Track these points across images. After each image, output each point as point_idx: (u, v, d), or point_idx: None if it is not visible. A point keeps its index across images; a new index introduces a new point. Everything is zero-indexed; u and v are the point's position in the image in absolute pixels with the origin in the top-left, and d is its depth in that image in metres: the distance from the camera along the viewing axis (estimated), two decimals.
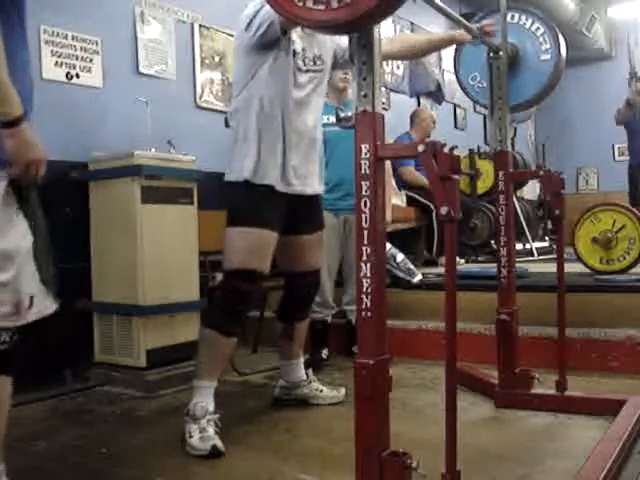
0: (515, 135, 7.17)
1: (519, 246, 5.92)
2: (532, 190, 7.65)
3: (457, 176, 1.42)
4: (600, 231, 3.78)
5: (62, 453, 2.26)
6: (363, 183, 1.48)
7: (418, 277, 3.86)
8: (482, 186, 5.82)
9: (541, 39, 2.77)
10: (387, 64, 6.06)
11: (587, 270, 3.82)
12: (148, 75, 3.82)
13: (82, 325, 3.24)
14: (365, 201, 1.48)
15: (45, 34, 3.25)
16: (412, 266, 3.92)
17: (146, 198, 3.07)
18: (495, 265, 2.73)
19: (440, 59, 6.74)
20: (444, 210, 1.41)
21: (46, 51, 3.27)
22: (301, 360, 2.78)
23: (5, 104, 1.39)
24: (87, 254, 3.26)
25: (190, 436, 2.21)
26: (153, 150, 3.24)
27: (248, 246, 2.32)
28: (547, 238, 7.03)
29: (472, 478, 1.71)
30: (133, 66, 3.75)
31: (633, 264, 3.72)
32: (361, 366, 1.49)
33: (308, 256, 2.59)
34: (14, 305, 1.49)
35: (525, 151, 8.28)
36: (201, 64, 4.21)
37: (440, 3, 2.01)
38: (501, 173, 2.65)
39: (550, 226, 6.97)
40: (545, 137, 9.28)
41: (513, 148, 6.70)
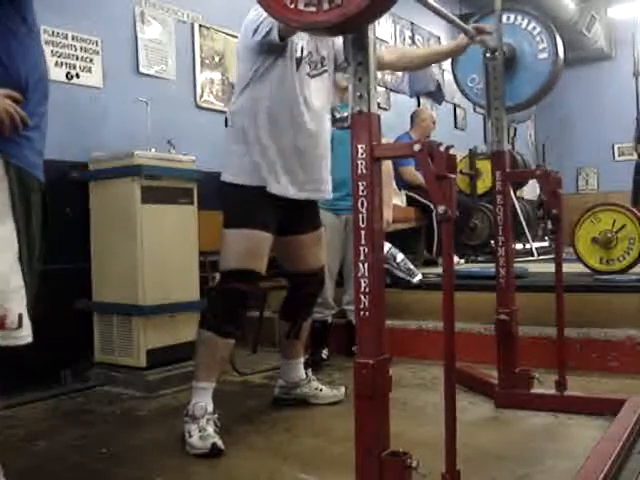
0: (515, 135, 7.17)
1: (519, 246, 5.92)
2: (532, 190, 7.65)
3: (453, 175, 1.43)
4: (600, 231, 3.78)
5: (62, 453, 2.26)
6: (360, 183, 1.48)
7: (418, 277, 3.86)
8: (482, 186, 5.82)
9: (538, 38, 2.77)
10: None
11: (587, 270, 3.82)
12: (148, 75, 3.82)
13: (82, 325, 3.24)
14: (362, 201, 1.48)
15: (45, 34, 3.25)
16: (412, 266, 3.92)
17: (146, 198, 3.07)
18: (494, 265, 2.73)
19: None
20: (441, 209, 1.41)
21: (46, 51, 3.26)
22: (301, 360, 2.78)
23: None
24: (87, 254, 3.26)
25: (190, 435, 2.22)
26: (153, 150, 3.25)
27: (244, 247, 2.34)
28: (547, 238, 7.03)
29: (472, 478, 1.71)
30: (133, 66, 3.75)
31: (633, 264, 3.71)
32: (361, 366, 1.49)
33: (308, 255, 2.59)
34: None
35: (525, 151, 8.28)
36: (201, 64, 4.21)
37: (435, 4, 2.01)
38: (499, 173, 2.65)
39: (550, 226, 6.97)
40: (545, 137, 9.27)
41: (513, 148, 6.71)
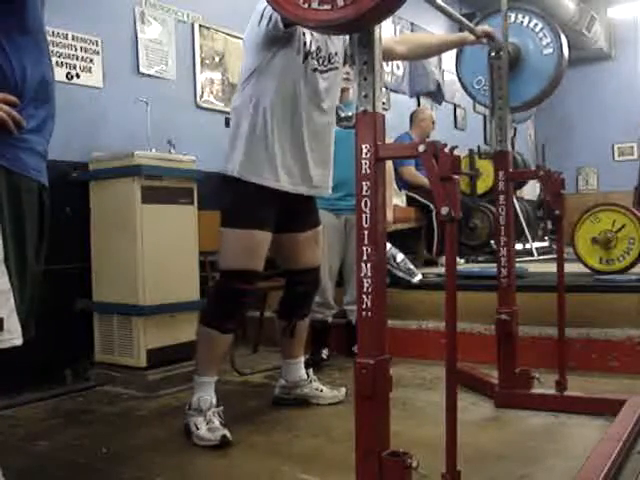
0: (515, 135, 7.16)
1: (519, 246, 5.92)
2: (532, 190, 7.65)
3: (457, 176, 1.42)
4: (600, 231, 3.78)
5: (62, 453, 2.26)
6: (363, 183, 1.48)
7: (418, 277, 3.86)
8: (482, 186, 5.81)
9: (541, 34, 2.77)
10: (387, 64, 6.06)
11: (587, 270, 3.82)
12: (148, 75, 3.82)
13: (82, 325, 3.24)
14: (365, 201, 1.48)
15: None
16: (412, 266, 3.92)
17: (146, 198, 3.07)
18: (495, 265, 2.73)
19: (440, 59, 6.74)
20: (444, 210, 1.41)
21: None
22: (301, 360, 2.78)
23: None
24: (87, 254, 3.26)
25: (197, 428, 2.25)
26: (153, 150, 3.25)
27: (243, 247, 2.36)
28: (547, 238, 7.02)
29: (472, 478, 1.71)
30: (133, 66, 3.75)
31: (633, 264, 3.72)
32: (361, 366, 1.49)
33: (305, 254, 2.60)
34: None
35: (525, 151, 8.28)
36: (201, 64, 4.21)
37: (442, 3, 2.02)
38: (501, 173, 2.65)
39: (550, 226, 6.97)
40: (545, 137, 9.28)
41: (513, 148, 6.70)
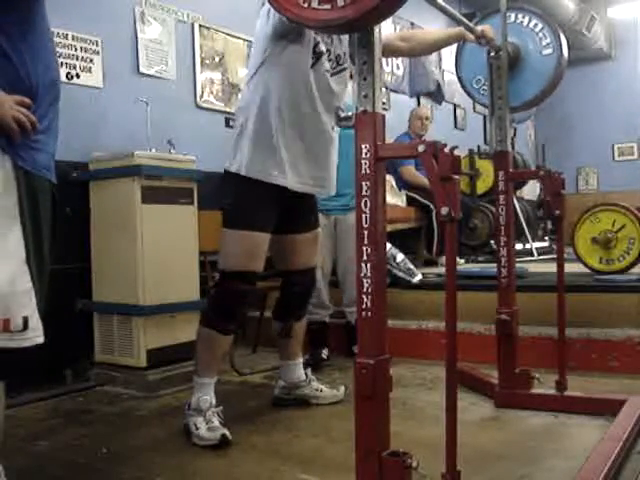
0: (515, 135, 7.17)
1: (519, 246, 5.92)
2: (532, 190, 7.65)
3: (457, 176, 1.42)
4: (600, 231, 3.78)
5: (62, 453, 2.26)
6: (363, 183, 1.48)
7: (418, 277, 3.86)
8: (482, 186, 5.82)
9: (540, 34, 2.77)
10: (387, 64, 6.07)
11: (587, 270, 3.82)
12: (148, 75, 3.82)
13: (82, 325, 3.24)
14: (365, 201, 1.48)
15: None
16: (412, 266, 3.92)
17: (146, 198, 3.07)
18: (495, 265, 2.73)
19: (440, 59, 6.74)
20: (444, 210, 1.41)
21: None
22: (300, 360, 2.78)
23: None
24: (87, 254, 3.26)
25: (197, 428, 2.26)
26: (153, 150, 3.25)
27: (243, 249, 2.36)
28: (547, 238, 7.03)
29: (472, 478, 1.71)
30: (133, 66, 3.75)
31: (633, 264, 3.71)
32: (361, 366, 1.49)
33: (303, 254, 2.60)
34: (3, 322, 1.45)
35: (525, 151, 8.28)
36: (201, 64, 4.21)
37: (443, 3, 2.01)
38: (501, 173, 2.65)
39: (550, 226, 6.97)
40: (545, 137, 9.28)
41: (513, 148, 6.70)
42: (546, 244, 6.72)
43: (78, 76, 3.42)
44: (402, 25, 6.26)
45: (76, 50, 3.41)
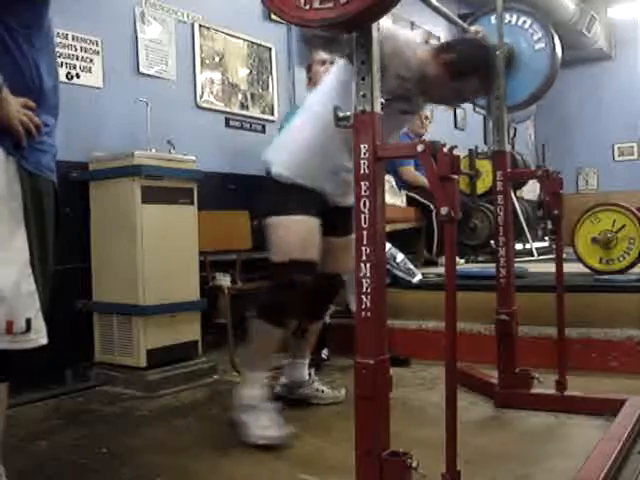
0: (515, 135, 7.17)
1: (519, 246, 5.92)
2: (532, 190, 7.64)
3: (457, 176, 1.42)
4: (600, 231, 3.78)
5: (62, 453, 2.26)
6: (362, 183, 1.48)
7: (418, 277, 3.86)
8: (482, 186, 5.81)
9: (531, 30, 2.78)
10: None
11: (587, 270, 3.82)
12: (148, 75, 3.82)
13: (82, 325, 3.24)
14: (364, 201, 1.48)
15: None
16: (412, 266, 3.92)
17: (146, 198, 3.07)
18: (495, 265, 2.73)
19: None
20: (444, 210, 1.41)
21: None
22: (307, 360, 2.77)
23: None
24: (87, 254, 3.26)
25: (249, 425, 2.21)
26: (153, 150, 3.25)
27: (298, 235, 2.25)
28: (547, 238, 7.02)
29: (472, 478, 1.71)
30: (133, 66, 3.75)
31: (633, 264, 3.71)
32: (361, 366, 1.49)
33: (338, 259, 2.50)
34: (6, 323, 1.46)
35: (525, 151, 8.27)
36: (201, 64, 4.20)
37: (437, 4, 2.02)
38: (499, 173, 2.65)
39: (550, 226, 6.97)
40: (545, 137, 9.27)
41: (513, 148, 6.70)
42: (546, 244, 6.72)
43: (78, 76, 3.42)
44: (402, 25, 6.25)
45: (76, 50, 3.41)
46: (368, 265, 1.48)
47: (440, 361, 1.53)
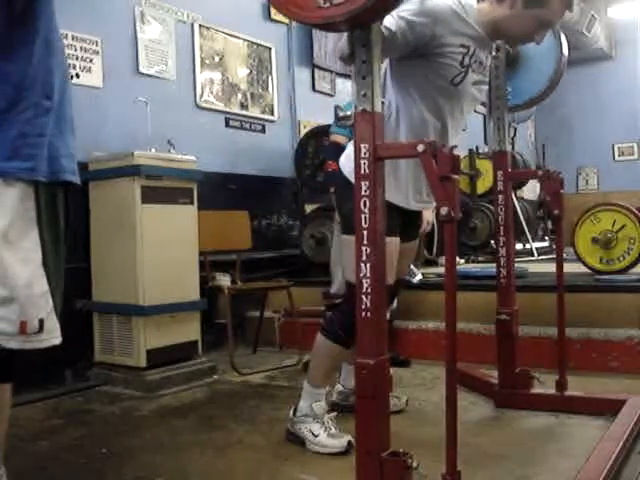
0: (515, 135, 7.17)
1: (519, 246, 5.92)
2: (532, 190, 7.65)
3: (457, 176, 1.42)
4: (600, 231, 3.78)
5: (62, 453, 2.26)
6: (362, 183, 1.48)
7: (418, 277, 3.85)
8: (482, 186, 5.82)
9: None
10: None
11: (587, 270, 3.82)
12: (148, 75, 3.82)
13: (82, 325, 3.24)
14: (365, 201, 1.48)
15: None
16: (412, 266, 3.92)
17: (146, 198, 3.07)
18: (495, 265, 2.73)
19: None
20: (444, 210, 1.41)
21: None
22: None
23: None
24: (87, 254, 3.26)
25: (315, 435, 2.19)
26: (153, 150, 3.25)
27: None
28: (547, 238, 7.03)
29: (472, 478, 1.71)
30: (133, 66, 3.75)
31: (633, 264, 3.71)
32: (361, 366, 1.49)
33: (400, 263, 2.33)
34: (20, 323, 1.47)
35: (525, 151, 8.28)
36: (201, 64, 4.21)
37: None
38: (500, 173, 2.65)
39: (550, 226, 6.97)
40: (545, 137, 9.27)
41: (513, 148, 6.71)
42: (546, 244, 6.72)
43: (78, 76, 3.42)
44: None
45: (76, 50, 3.41)
46: (368, 265, 1.48)
47: (440, 361, 1.53)
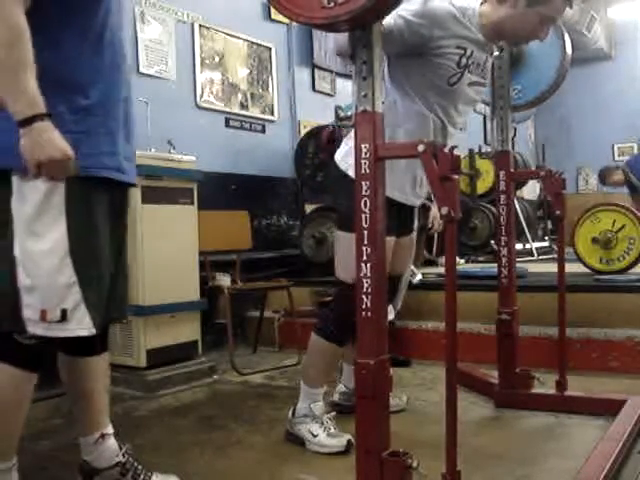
0: (515, 135, 7.16)
1: (519, 246, 5.92)
2: (532, 190, 7.65)
3: (457, 176, 1.42)
4: (600, 231, 3.78)
5: (63, 453, 2.25)
6: (363, 183, 1.48)
7: (418, 277, 3.85)
8: (482, 186, 5.82)
9: None
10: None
11: (587, 270, 3.82)
12: (148, 75, 3.82)
13: None
14: (365, 201, 1.48)
15: None
16: (412, 266, 3.92)
17: (146, 198, 3.07)
18: (495, 265, 2.73)
19: None
20: (444, 210, 1.41)
21: None
22: None
23: (18, 103, 1.37)
24: None
25: (314, 435, 2.19)
26: (153, 150, 3.25)
27: None
28: (547, 238, 7.03)
29: (472, 478, 1.71)
30: (133, 66, 3.75)
31: (633, 264, 3.71)
32: (361, 366, 1.49)
33: (399, 258, 2.36)
34: (40, 312, 1.49)
35: (525, 151, 8.28)
36: (201, 64, 4.21)
37: None
38: (502, 173, 2.65)
39: (550, 226, 6.97)
40: (545, 137, 9.28)
41: (513, 148, 6.70)
42: (546, 244, 6.73)
43: None
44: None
45: None
46: (368, 265, 1.48)
47: (440, 361, 1.53)
